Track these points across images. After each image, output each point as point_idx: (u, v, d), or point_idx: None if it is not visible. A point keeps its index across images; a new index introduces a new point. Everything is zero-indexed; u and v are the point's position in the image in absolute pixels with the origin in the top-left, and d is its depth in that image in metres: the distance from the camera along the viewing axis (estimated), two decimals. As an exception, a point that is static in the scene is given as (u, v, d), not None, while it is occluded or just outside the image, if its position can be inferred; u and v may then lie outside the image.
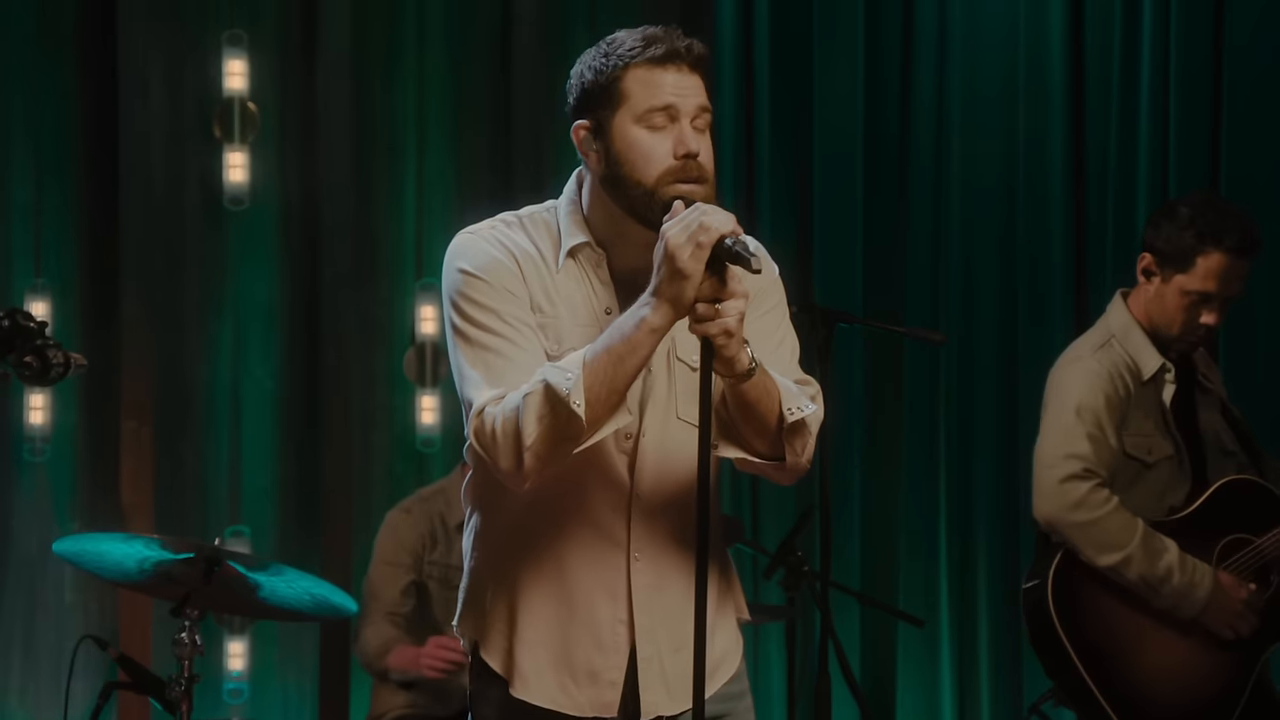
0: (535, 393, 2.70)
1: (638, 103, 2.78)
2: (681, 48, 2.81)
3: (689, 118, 2.79)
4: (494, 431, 2.73)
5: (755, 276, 2.81)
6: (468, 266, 2.82)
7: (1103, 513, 4.15)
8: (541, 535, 2.86)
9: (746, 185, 6.05)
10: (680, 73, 2.80)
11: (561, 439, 2.71)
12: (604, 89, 2.82)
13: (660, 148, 2.78)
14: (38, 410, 5.37)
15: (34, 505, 5.40)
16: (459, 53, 5.75)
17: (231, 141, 5.52)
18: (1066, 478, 4.17)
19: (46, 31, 5.43)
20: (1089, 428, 4.18)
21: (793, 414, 2.80)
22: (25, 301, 5.35)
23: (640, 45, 2.81)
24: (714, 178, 2.85)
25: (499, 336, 2.79)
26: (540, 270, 2.84)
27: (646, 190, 2.78)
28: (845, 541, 5.96)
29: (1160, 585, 4.16)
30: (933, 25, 6.04)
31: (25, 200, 5.43)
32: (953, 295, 6.02)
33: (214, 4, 5.56)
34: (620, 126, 2.79)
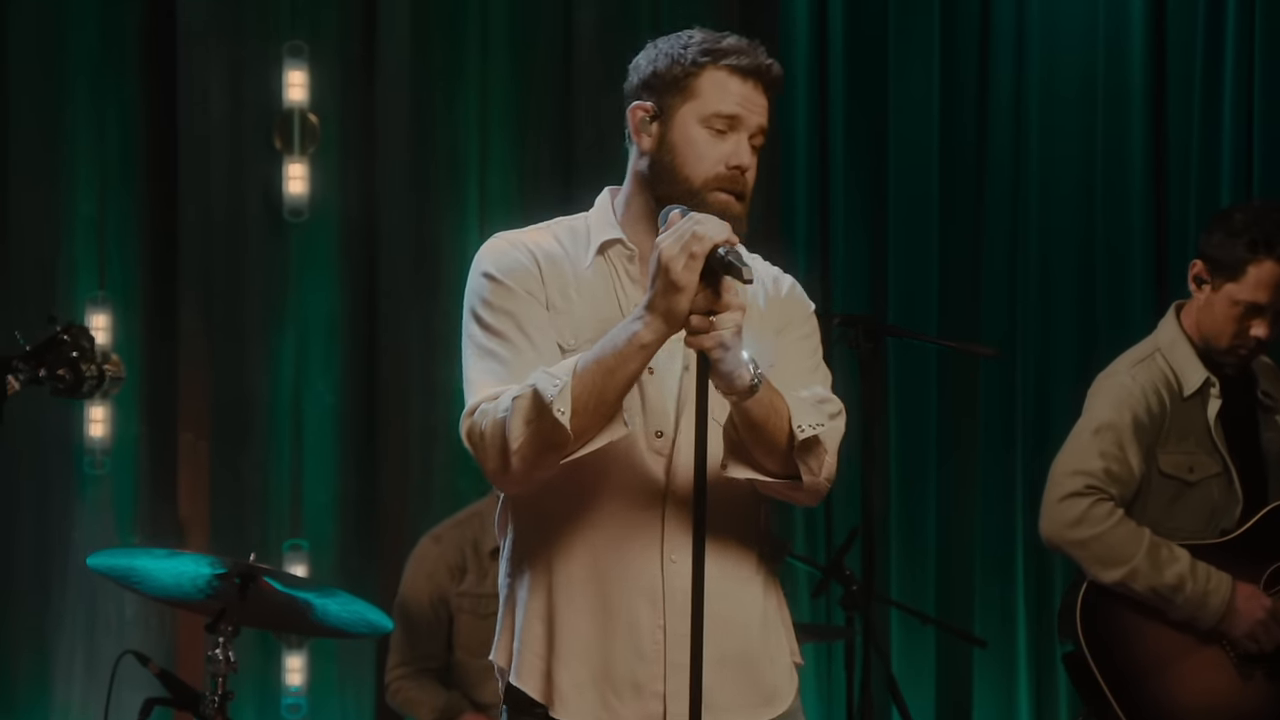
0: (524, 396, 2.66)
1: (707, 103, 2.80)
2: (764, 65, 2.83)
3: (748, 133, 2.80)
4: (483, 432, 2.70)
5: (793, 302, 2.88)
6: (490, 269, 2.83)
7: (1104, 528, 4.01)
8: (576, 543, 2.80)
9: (820, 195, 5.93)
10: (755, 89, 2.82)
11: (547, 446, 2.66)
12: (677, 79, 2.82)
13: (715, 152, 2.79)
14: (98, 423, 5.37)
15: (96, 518, 5.40)
16: (521, 64, 5.68)
17: (291, 153, 5.50)
18: (1067, 495, 4.05)
19: (110, 44, 5.43)
20: (1104, 445, 4.04)
21: (803, 431, 2.73)
22: (86, 313, 5.36)
23: (725, 49, 2.82)
24: (750, 197, 2.85)
25: (506, 340, 2.77)
26: (562, 268, 2.83)
27: (690, 189, 2.79)
28: (919, 563, 5.84)
29: (1172, 595, 4.01)
30: (1010, 26, 5.90)
31: (89, 212, 5.44)
32: (1030, 304, 5.88)
33: (275, 15, 5.54)
34: (683, 119, 2.81)
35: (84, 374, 3.91)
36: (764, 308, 2.91)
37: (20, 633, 5.33)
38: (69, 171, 5.41)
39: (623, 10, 5.72)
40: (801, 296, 3.00)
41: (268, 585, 4.06)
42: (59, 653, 5.35)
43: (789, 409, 2.73)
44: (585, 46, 5.68)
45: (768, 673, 2.87)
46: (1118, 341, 5.61)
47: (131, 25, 5.45)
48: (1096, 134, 5.84)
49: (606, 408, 2.65)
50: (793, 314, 2.95)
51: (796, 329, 2.94)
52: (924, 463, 5.87)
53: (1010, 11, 5.91)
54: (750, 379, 2.66)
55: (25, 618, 5.33)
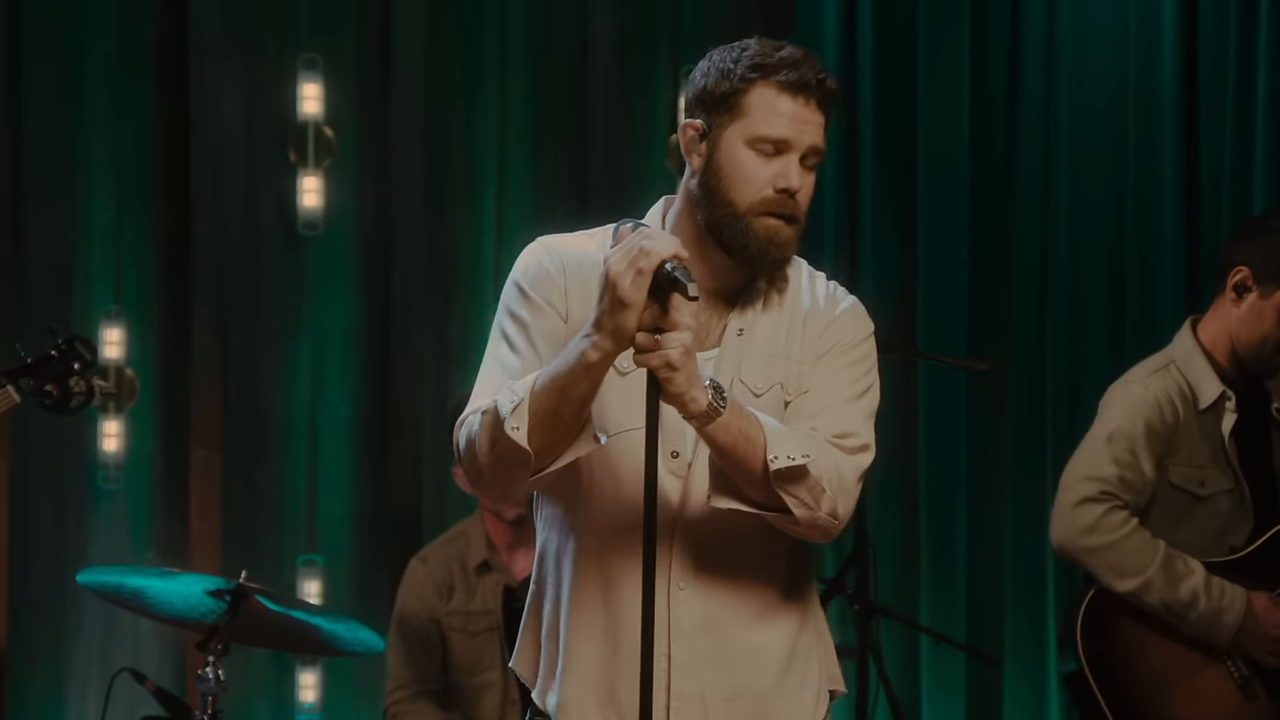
0: (489, 411, 2.61)
1: (754, 124, 2.68)
2: (814, 80, 2.70)
3: (799, 154, 2.68)
4: (463, 443, 2.67)
5: (844, 325, 2.78)
6: (520, 277, 2.77)
7: (1118, 536, 3.91)
8: (587, 563, 2.74)
9: (849, 206, 5.84)
10: (806, 106, 2.70)
11: (511, 463, 2.60)
12: (725, 96, 2.71)
13: (762, 174, 2.68)
14: (112, 437, 5.35)
15: (110, 533, 5.39)
16: (538, 75, 5.63)
17: (306, 166, 5.47)
18: (1081, 501, 3.94)
19: (126, 56, 5.43)
20: (1118, 452, 3.94)
21: (776, 461, 2.60)
22: (100, 326, 5.35)
23: (774, 63, 2.70)
24: (805, 219, 2.73)
25: (514, 350, 2.72)
26: (590, 279, 2.68)
27: (735, 213, 2.69)
28: (949, 582, 5.74)
29: (1185, 611, 3.90)
30: (1040, 36, 5.80)
31: (105, 224, 5.43)
32: (1060, 316, 5.77)
33: (290, 28, 5.51)
34: (730, 140, 2.70)
35: (72, 389, 3.91)
36: (806, 326, 2.79)
37: (35, 648, 5.33)
38: (85, 184, 5.41)
39: (640, 21, 5.66)
40: (856, 319, 2.84)
41: (259, 604, 4.02)
42: (74, 668, 5.34)
43: (765, 437, 2.62)
44: (601, 57, 5.62)
45: (785, 706, 2.77)
46: (1148, 353, 5.53)
47: (147, 37, 5.44)
48: (1128, 144, 5.72)
49: (565, 425, 2.58)
50: (840, 336, 2.81)
51: (841, 355, 2.81)
52: (954, 481, 5.77)
53: (1040, 21, 5.81)
54: (707, 403, 2.56)
55: (40, 632, 5.33)
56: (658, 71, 5.70)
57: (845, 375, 2.80)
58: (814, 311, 2.81)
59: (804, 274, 2.86)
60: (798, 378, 2.77)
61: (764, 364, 2.72)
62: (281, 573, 5.43)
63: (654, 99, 5.70)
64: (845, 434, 2.75)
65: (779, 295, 2.79)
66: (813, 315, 2.80)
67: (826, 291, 2.86)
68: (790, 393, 2.76)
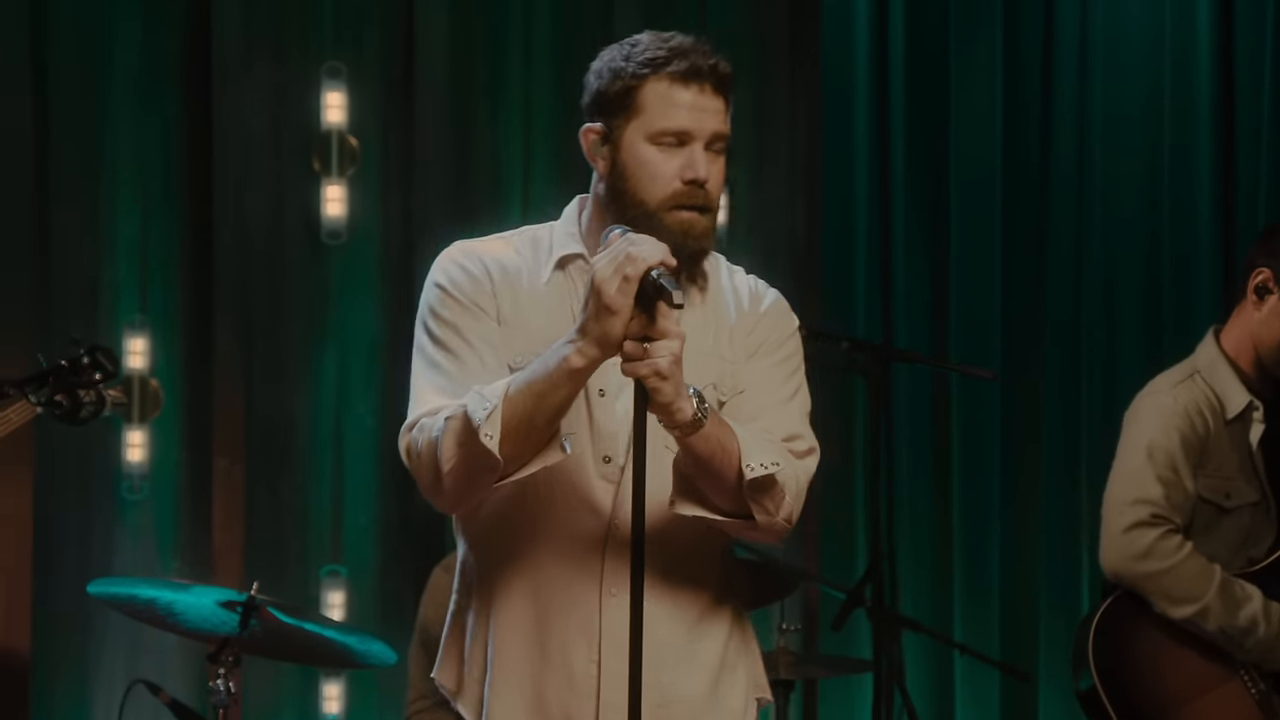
0: (456, 418, 2.56)
1: (652, 119, 2.66)
2: (705, 66, 2.67)
3: (703, 141, 2.65)
4: (419, 450, 2.61)
5: (772, 321, 2.76)
6: (442, 280, 2.74)
7: (1173, 561, 3.82)
8: (517, 568, 2.70)
9: (881, 213, 5.78)
10: (702, 93, 2.67)
11: (479, 469, 2.55)
12: (619, 95, 2.70)
13: (668, 168, 2.65)
14: (136, 447, 5.33)
15: (136, 544, 5.37)
16: (562, 81, 5.58)
17: (330, 175, 5.44)
18: (1133, 525, 3.85)
19: (151, 64, 5.40)
20: (1160, 469, 3.85)
21: (752, 470, 2.59)
22: (125, 336, 5.34)
23: (664, 56, 2.68)
24: (719, 206, 2.72)
25: (451, 354, 2.67)
26: (516, 281, 2.71)
27: (647, 211, 2.66)
28: (983, 601, 5.68)
29: (1243, 638, 3.82)
30: (1074, 40, 5.74)
31: (131, 234, 5.41)
32: (1095, 325, 5.71)
33: (316, 36, 5.49)
34: (630, 139, 2.68)
35: (82, 399, 3.89)
36: (733, 323, 2.77)
37: (59, 658, 5.31)
38: (110, 193, 5.39)
39: (666, 24, 5.60)
40: (782, 314, 2.85)
41: (271, 616, 4.00)
42: (98, 679, 5.31)
43: (740, 445, 2.60)
44: (628, 64, 5.56)
45: (715, 713, 2.76)
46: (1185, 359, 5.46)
47: (173, 46, 5.42)
48: (1163, 149, 5.66)
49: (538, 433, 2.54)
50: (769, 334, 2.80)
51: (772, 352, 2.80)
52: (987, 497, 5.69)
53: (1074, 25, 5.74)
54: (693, 413, 2.53)
55: (65, 643, 5.30)
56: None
57: (778, 374, 2.78)
58: (740, 307, 2.79)
59: (723, 269, 2.84)
60: (731, 377, 2.74)
61: (695, 364, 2.67)
62: (306, 583, 5.40)
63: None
64: (791, 437, 2.74)
65: (701, 294, 2.77)
66: (739, 311, 2.78)
67: (750, 286, 2.85)
68: (725, 392, 2.73)
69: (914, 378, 5.67)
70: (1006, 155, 5.78)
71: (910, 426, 5.70)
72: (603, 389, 2.66)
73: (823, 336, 3.91)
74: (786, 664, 4.28)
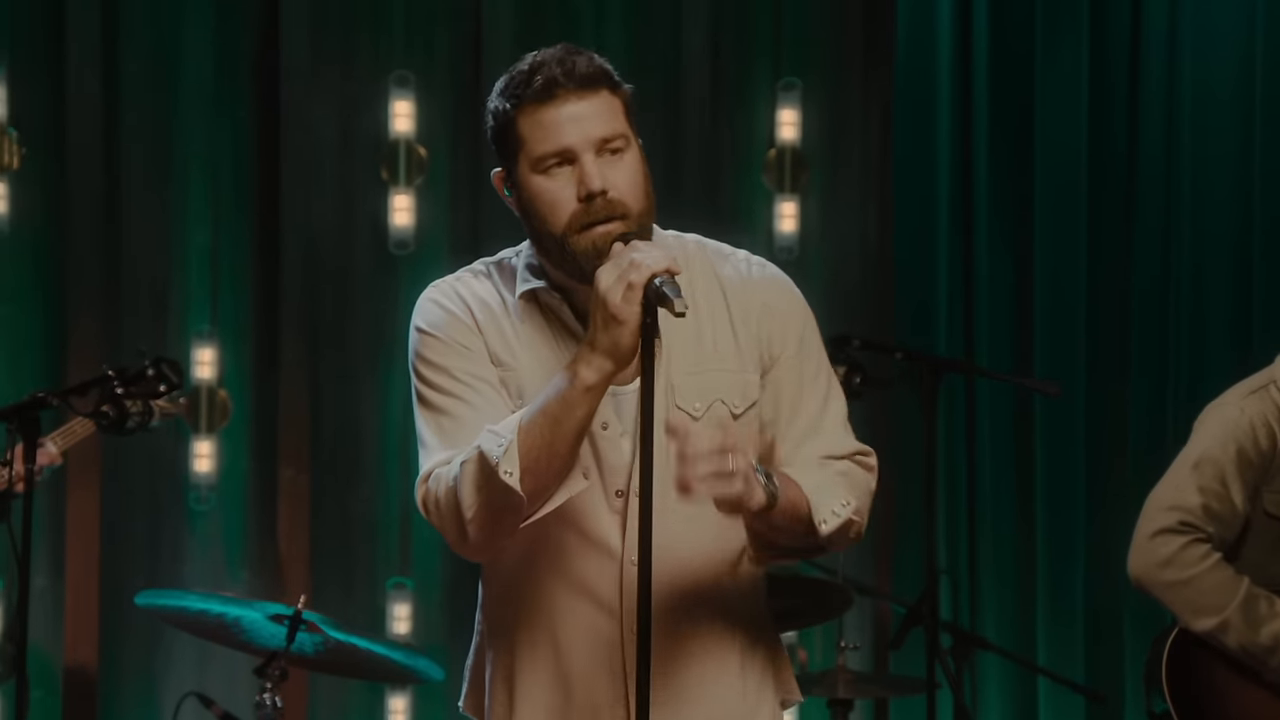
0: (471, 460, 2.45)
1: (531, 149, 2.51)
2: (559, 74, 2.50)
3: (590, 151, 2.49)
4: (437, 501, 2.50)
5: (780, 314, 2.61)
6: (422, 324, 2.62)
7: (1196, 571, 3.67)
8: (533, 606, 2.61)
9: (963, 215, 5.64)
10: (568, 102, 2.50)
11: (502, 509, 2.45)
12: (502, 135, 2.55)
13: (564, 193, 2.50)
14: (204, 458, 5.33)
15: (206, 554, 5.36)
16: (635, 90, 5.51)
17: (398, 184, 5.41)
18: (1159, 531, 3.72)
19: (223, 75, 5.41)
20: (1205, 480, 3.70)
21: (826, 524, 2.53)
22: (193, 347, 5.34)
23: (521, 81, 2.52)
24: (645, 205, 2.55)
25: (450, 396, 2.55)
26: (500, 320, 2.59)
27: (556, 241, 2.51)
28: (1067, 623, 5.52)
29: (1267, 656, 3.67)
30: (1162, 24, 5.57)
31: (202, 244, 5.42)
32: (1183, 319, 5.54)
33: (384, 46, 5.47)
34: (523, 176, 2.53)
35: (128, 410, 3.87)
36: (731, 322, 2.62)
37: (128, 671, 5.31)
38: (181, 203, 5.40)
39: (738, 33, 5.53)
40: (793, 299, 2.66)
41: (319, 630, 3.96)
42: (167, 691, 5.29)
43: (808, 499, 2.53)
44: (698, 71, 5.50)
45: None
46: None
47: (244, 57, 5.42)
48: (1254, 135, 5.48)
49: (559, 461, 2.44)
50: (788, 330, 2.63)
51: (804, 353, 2.63)
52: (1073, 514, 5.54)
53: (1163, 15, 5.58)
54: (765, 495, 2.46)
55: (133, 655, 5.30)
56: (758, 84, 5.57)
57: (803, 372, 2.64)
58: (736, 303, 2.63)
59: (709, 261, 2.66)
60: (741, 387, 2.60)
61: (695, 381, 2.57)
62: (372, 595, 5.37)
63: (753, 112, 5.56)
64: (857, 451, 2.66)
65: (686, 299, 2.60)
66: (737, 308, 2.62)
67: (742, 273, 2.66)
68: (736, 405, 2.59)
69: (995, 391, 5.54)
70: (1092, 152, 5.62)
71: (992, 442, 5.57)
72: (606, 422, 2.54)
73: (875, 347, 3.79)
74: (846, 683, 4.17)
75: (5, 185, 5.30)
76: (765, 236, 5.54)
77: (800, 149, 5.54)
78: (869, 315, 5.47)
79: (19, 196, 5.32)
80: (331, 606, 5.28)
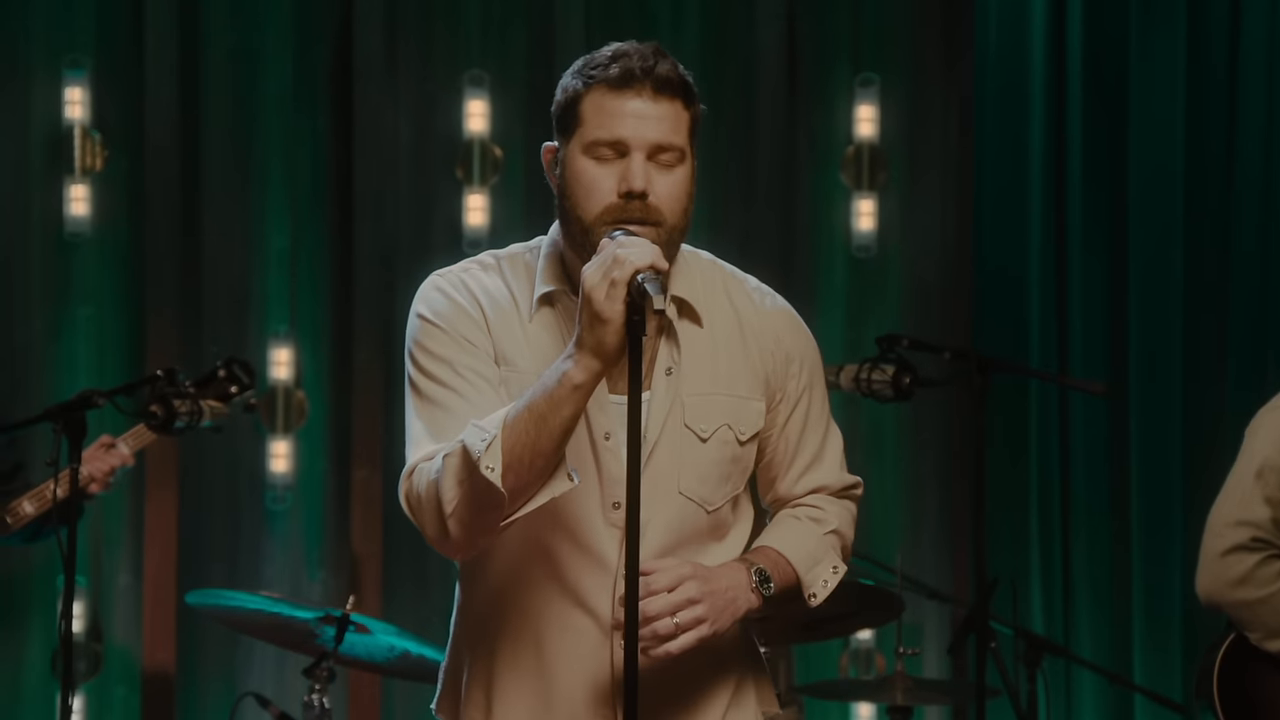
0: (454, 454, 2.40)
1: (588, 130, 2.48)
2: (638, 68, 2.46)
3: (643, 152, 2.46)
4: (419, 495, 2.44)
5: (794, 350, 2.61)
6: (426, 312, 2.57)
7: (1272, 590, 3.54)
8: (519, 614, 2.55)
9: (1055, 225, 5.52)
10: (641, 98, 2.47)
11: (483, 506, 2.39)
12: (565, 112, 2.52)
13: (605, 182, 2.47)
14: (280, 458, 5.35)
15: (284, 554, 5.38)
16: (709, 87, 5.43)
17: (472, 184, 5.40)
18: (1231, 549, 3.57)
19: (301, 78, 5.43)
20: (1271, 490, 3.57)
21: (815, 598, 2.58)
22: (270, 348, 5.36)
23: (599, 65, 2.49)
24: (681, 221, 2.50)
25: (447, 389, 2.50)
26: (510, 318, 2.54)
27: (584, 228, 2.48)
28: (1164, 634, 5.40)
29: None
30: (1261, 39, 5.42)
31: (281, 246, 5.44)
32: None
33: (461, 46, 5.46)
34: (571, 154, 2.50)
35: (176, 410, 3.88)
36: (742, 351, 2.59)
37: (207, 670, 5.34)
38: (260, 206, 5.42)
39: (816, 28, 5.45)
40: (802, 337, 2.67)
41: (368, 631, 3.95)
42: (253, 686, 5.31)
43: (798, 573, 2.57)
44: (774, 68, 5.42)
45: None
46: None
47: (321, 60, 5.44)
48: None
49: (543, 460, 2.37)
50: (798, 364, 2.63)
51: (797, 387, 2.63)
52: (1169, 529, 5.39)
53: (1262, 23, 5.41)
54: (761, 600, 2.51)
55: (212, 655, 5.33)
56: (837, 81, 5.48)
57: (823, 416, 2.68)
58: (750, 330, 2.61)
59: (719, 287, 2.63)
60: (752, 416, 2.58)
61: (705, 403, 2.53)
62: (446, 595, 5.34)
63: (831, 109, 5.48)
64: (850, 485, 2.70)
65: (695, 319, 2.58)
66: (750, 336, 2.60)
67: (755, 301, 2.64)
68: (743, 432, 2.57)
69: (1089, 403, 5.42)
70: (1189, 160, 5.48)
71: (1086, 455, 5.45)
72: (608, 432, 2.50)
73: (923, 346, 3.70)
74: (905, 689, 4.08)
75: (88, 187, 5.36)
76: (842, 234, 5.46)
77: (879, 145, 5.45)
78: (946, 315, 5.38)
79: (102, 198, 5.38)
80: (405, 607, 5.29)
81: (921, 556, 5.32)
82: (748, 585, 2.49)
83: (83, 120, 5.35)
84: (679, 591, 2.41)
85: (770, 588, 2.51)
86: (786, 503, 2.69)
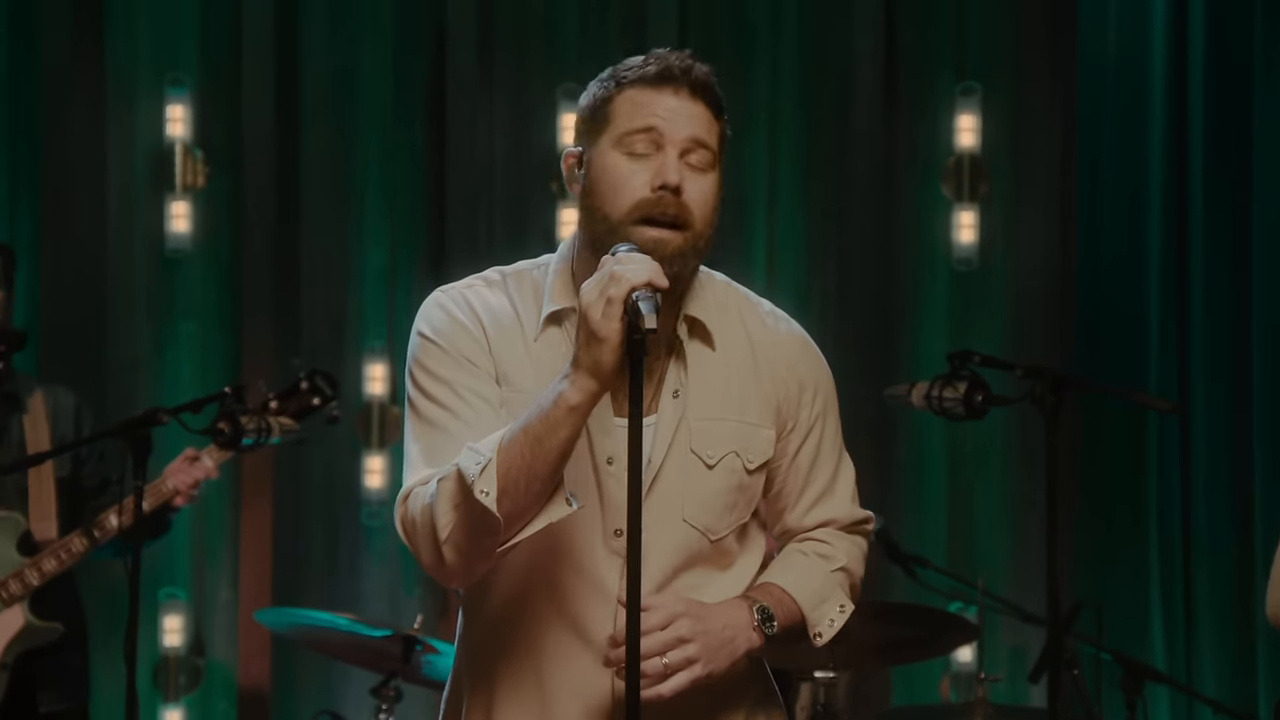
0: (449, 478, 2.31)
1: (620, 124, 2.40)
2: (675, 67, 2.41)
3: (677, 147, 2.38)
4: (414, 522, 2.36)
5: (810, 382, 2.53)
6: (427, 330, 2.48)
7: None
8: (520, 642, 2.46)
9: (1176, 236, 5.33)
10: (677, 97, 2.40)
11: (478, 532, 2.30)
12: (594, 113, 2.45)
13: (637, 177, 2.38)
14: (375, 474, 5.35)
15: (381, 570, 5.37)
16: (809, 98, 5.37)
17: (566, 197, 5.35)
18: None
19: (399, 96, 5.44)
20: None
21: (821, 637, 2.50)
22: (365, 362, 5.36)
23: (632, 64, 2.44)
24: (707, 230, 2.41)
25: (446, 410, 2.42)
26: (513, 337, 2.46)
27: (611, 225, 2.39)
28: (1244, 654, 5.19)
29: None
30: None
31: (379, 262, 5.45)
32: None
33: (556, 59, 5.42)
34: (600, 151, 2.42)
35: (244, 427, 3.87)
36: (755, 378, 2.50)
37: (305, 687, 5.35)
38: (358, 222, 5.43)
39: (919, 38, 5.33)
40: (817, 366, 2.57)
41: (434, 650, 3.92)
42: (346, 703, 5.32)
43: (804, 612, 2.49)
44: (872, 78, 5.32)
45: None
46: None
47: (419, 77, 5.44)
48: None
49: (539, 484, 2.28)
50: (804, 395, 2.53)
51: (810, 416, 2.54)
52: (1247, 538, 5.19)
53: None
54: (762, 638, 2.43)
55: (309, 671, 5.34)
56: (938, 90, 5.36)
57: (835, 448, 2.58)
58: (762, 356, 2.51)
59: (734, 305, 2.53)
60: (761, 444, 2.49)
61: (712, 429, 2.43)
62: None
63: (933, 118, 5.36)
64: (861, 520, 2.61)
65: (707, 341, 2.48)
66: (763, 362, 2.50)
67: (769, 326, 2.54)
68: (751, 460, 2.48)
69: (1211, 427, 5.24)
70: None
71: (1208, 480, 5.27)
72: (611, 457, 2.41)
73: (995, 364, 3.57)
74: (986, 716, 3.95)
75: (190, 204, 5.41)
76: (943, 247, 5.34)
77: (980, 156, 5.32)
78: (1049, 330, 5.23)
79: (204, 215, 5.42)
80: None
81: (1026, 579, 5.16)
82: (749, 624, 2.40)
83: (184, 138, 5.40)
84: (670, 630, 2.33)
85: (773, 626, 2.42)
86: (795, 535, 2.59)
